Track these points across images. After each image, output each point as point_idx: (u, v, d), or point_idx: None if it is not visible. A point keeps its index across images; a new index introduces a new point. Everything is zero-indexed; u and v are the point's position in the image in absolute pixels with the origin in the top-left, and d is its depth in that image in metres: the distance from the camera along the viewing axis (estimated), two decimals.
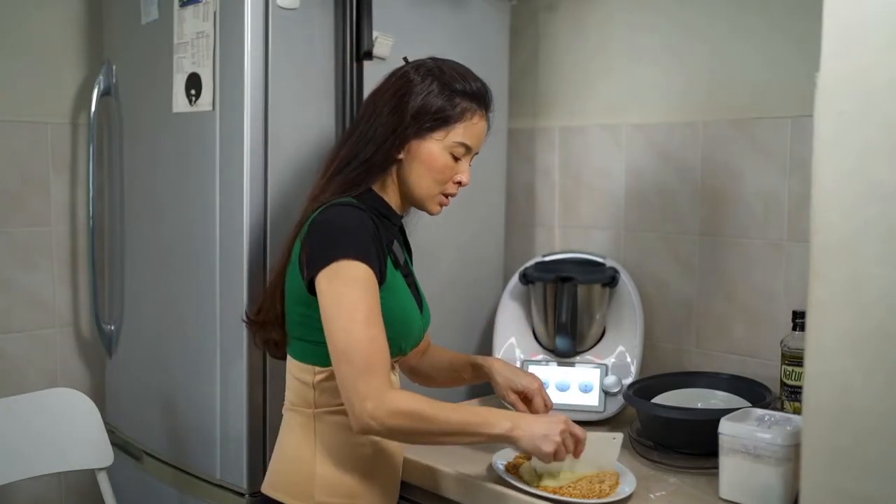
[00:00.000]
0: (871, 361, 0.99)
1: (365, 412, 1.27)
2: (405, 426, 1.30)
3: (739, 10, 1.87)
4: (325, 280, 1.32)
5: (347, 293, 1.30)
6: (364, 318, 1.30)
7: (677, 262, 2.00)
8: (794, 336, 1.64)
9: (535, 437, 1.33)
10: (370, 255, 1.33)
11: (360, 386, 1.28)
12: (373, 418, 1.27)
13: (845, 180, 1.01)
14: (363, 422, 1.28)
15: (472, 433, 1.33)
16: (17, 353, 2.19)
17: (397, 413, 1.28)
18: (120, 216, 2.07)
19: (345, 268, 1.31)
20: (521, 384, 1.57)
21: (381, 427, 1.28)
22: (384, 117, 1.42)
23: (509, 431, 1.33)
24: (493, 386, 1.60)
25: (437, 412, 1.31)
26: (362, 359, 1.28)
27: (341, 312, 1.30)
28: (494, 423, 1.33)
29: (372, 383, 1.28)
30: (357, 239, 1.33)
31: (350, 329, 1.29)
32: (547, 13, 2.23)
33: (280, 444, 1.48)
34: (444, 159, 1.43)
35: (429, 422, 1.30)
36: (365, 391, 1.27)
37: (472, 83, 1.45)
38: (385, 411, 1.27)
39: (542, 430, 1.33)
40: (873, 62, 0.98)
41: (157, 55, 1.84)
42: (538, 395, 1.56)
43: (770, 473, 1.33)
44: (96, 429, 1.84)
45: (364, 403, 1.27)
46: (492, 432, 1.33)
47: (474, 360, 1.63)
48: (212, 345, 1.74)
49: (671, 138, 1.99)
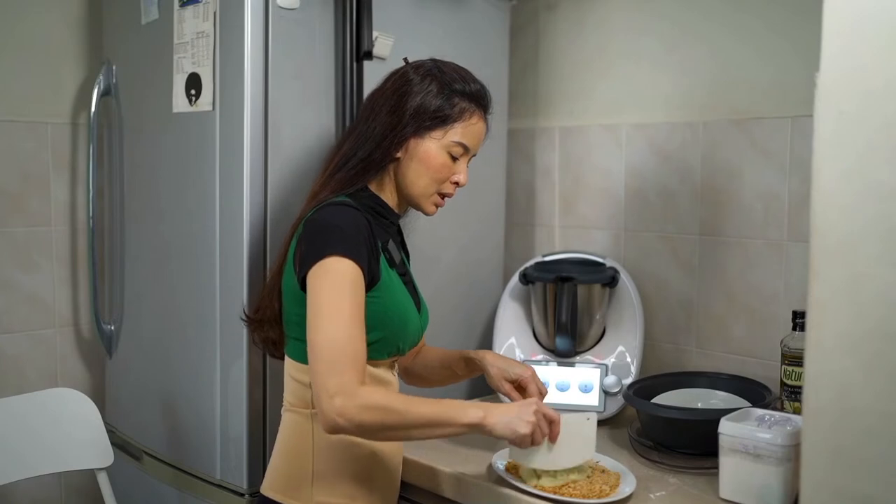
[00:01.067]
0: (871, 361, 0.99)
1: (333, 409, 1.24)
2: (376, 421, 1.27)
3: (739, 11, 1.88)
4: (312, 276, 1.32)
5: (331, 290, 1.30)
6: (346, 316, 1.29)
7: (677, 262, 2.00)
8: (794, 336, 1.64)
9: (509, 422, 1.32)
10: (359, 253, 1.33)
11: (329, 383, 1.25)
12: (341, 415, 1.24)
13: (845, 180, 1.01)
14: (330, 419, 1.25)
15: (444, 424, 1.30)
16: (17, 353, 2.19)
17: (367, 408, 1.26)
18: (120, 216, 2.07)
19: (332, 264, 1.31)
20: (515, 373, 1.56)
21: (348, 423, 1.25)
22: (383, 116, 1.42)
23: (482, 420, 1.31)
24: (487, 378, 1.59)
25: (409, 405, 1.29)
26: (336, 356, 1.27)
27: (322, 309, 1.29)
28: (466, 413, 1.31)
29: (342, 380, 1.25)
30: (347, 237, 1.33)
31: (328, 326, 1.28)
32: (547, 13, 2.23)
33: (279, 444, 1.48)
34: (441, 158, 1.43)
35: (399, 415, 1.28)
36: (334, 387, 1.25)
37: (472, 84, 1.45)
38: (354, 406, 1.25)
39: (514, 413, 1.33)
40: (873, 62, 0.98)
41: (157, 55, 1.84)
42: (532, 383, 1.56)
43: (770, 473, 1.33)
44: (96, 429, 1.84)
45: (333, 400, 1.24)
46: (464, 421, 1.30)
47: (466, 353, 1.62)
48: (212, 345, 1.74)
49: (671, 138, 2.00)
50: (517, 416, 1.32)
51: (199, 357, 1.77)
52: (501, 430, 1.32)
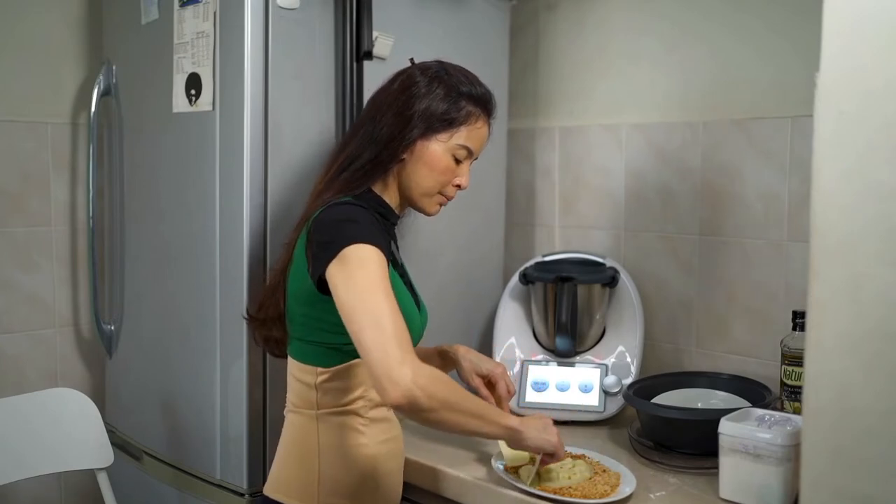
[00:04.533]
0: (871, 361, 0.99)
1: (406, 376, 1.16)
2: (444, 394, 1.21)
3: (739, 11, 1.88)
4: (335, 268, 1.28)
5: (361, 272, 1.26)
6: (383, 295, 1.24)
7: (677, 262, 2.00)
8: (794, 336, 1.64)
9: (540, 431, 1.38)
10: (378, 239, 1.30)
11: (394, 350, 1.18)
12: (415, 382, 1.16)
13: (845, 180, 1.01)
14: (405, 386, 1.16)
15: (491, 420, 1.33)
16: (17, 353, 2.19)
17: (437, 378, 1.21)
18: (120, 216, 2.07)
19: (355, 251, 1.27)
20: (486, 368, 1.60)
21: (422, 391, 1.17)
22: (390, 117, 1.42)
23: (519, 425, 1.36)
24: (459, 371, 1.62)
25: (465, 390, 1.30)
26: (391, 324, 1.20)
27: (358, 289, 1.24)
28: (504, 416, 1.37)
29: (405, 348, 1.19)
30: (363, 228, 1.31)
31: (371, 304, 1.23)
32: (547, 13, 2.23)
33: (283, 446, 1.47)
34: (446, 161, 1.44)
35: (461, 395, 1.27)
36: (401, 355, 1.18)
37: (478, 88, 1.46)
38: (426, 376, 1.19)
39: (541, 424, 1.40)
40: (873, 62, 0.98)
41: (157, 55, 1.84)
42: (501, 381, 1.59)
43: (770, 473, 1.33)
44: (96, 429, 1.84)
45: (403, 367, 1.17)
46: (505, 423, 1.35)
47: (440, 348, 1.66)
48: (212, 345, 1.74)
49: (671, 138, 2.00)
50: (544, 426, 1.40)
51: (199, 357, 1.77)
52: (536, 440, 1.38)
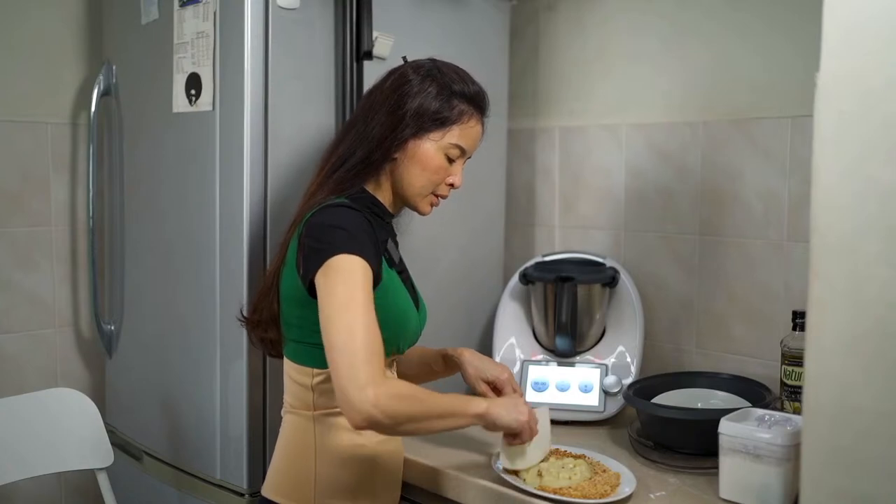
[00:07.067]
0: (871, 361, 0.99)
1: (367, 400, 1.21)
2: (406, 410, 1.26)
3: (739, 10, 1.87)
4: (321, 276, 1.31)
5: (343, 286, 1.28)
6: (361, 309, 1.27)
7: (677, 262, 2.00)
8: (794, 336, 1.64)
9: (509, 411, 1.39)
10: (366, 251, 1.32)
11: (359, 374, 1.22)
12: (376, 405, 1.21)
13: (845, 180, 1.01)
14: (365, 411, 1.21)
15: (456, 414, 1.34)
16: (17, 353, 2.20)
17: (398, 396, 1.25)
18: (120, 216, 2.07)
19: (339, 262, 1.30)
20: (491, 374, 1.58)
21: (382, 414, 1.22)
22: (382, 116, 1.42)
23: (486, 410, 1.36)
24: (464, 376, 1.61)
25: (428, 395, 1.31)
26: (360, 348, 1.24)
27: (337, 305, 1.27)
28: (471, 404, 1.37)
29: (370, 370, 1.23)
30: (352, 236, 1.32)
31: (346, 320, 1.26)
32: (547, 13, 2.23)
33: (280, 446, 1.47)
34: (438, 160, 1.44)
35: (424, 404, 1.29)
36: (365, 378, 1.22)
37: (471, 86, 1.45)
38: (387, 396, 1.23)
39: (510, 403, 1.42)
40: (873, 62, 0.98)
41: (157, 55, 1.84)
42: (507, 386, 1.58)
43: (770, 473, 1.33)
44: (96, 429, 1.84)
45: (365, 391, 1.21)
46: (472, 412, 1.35)
47: (444, 351, 1.63)
48: (212, 345, 1.74)
49: (671, 138, 1.99)
50: (514, 405, 1.41)
51: (199, 357, 1.77)
52: (505, 419, 1.39)
